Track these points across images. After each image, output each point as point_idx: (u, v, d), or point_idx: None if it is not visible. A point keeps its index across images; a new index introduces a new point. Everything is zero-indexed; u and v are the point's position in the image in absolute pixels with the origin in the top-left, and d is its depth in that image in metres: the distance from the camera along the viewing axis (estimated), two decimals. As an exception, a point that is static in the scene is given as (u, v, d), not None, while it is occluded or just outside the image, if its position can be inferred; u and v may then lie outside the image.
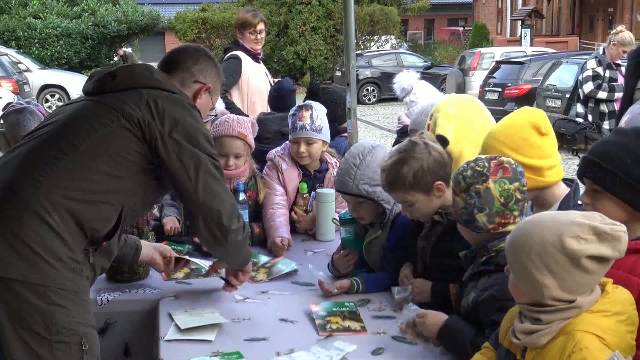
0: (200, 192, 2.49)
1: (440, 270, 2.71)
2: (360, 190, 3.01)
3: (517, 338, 1.92)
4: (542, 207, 2.59)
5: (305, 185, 3.89)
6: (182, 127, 2.47)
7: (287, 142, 3.98)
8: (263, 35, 5.86)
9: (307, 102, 3.98)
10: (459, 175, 2.35)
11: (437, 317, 2.40)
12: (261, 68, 5.93)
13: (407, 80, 5.20)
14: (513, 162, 2.36)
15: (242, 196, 3.73)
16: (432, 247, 2.74)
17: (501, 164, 2.32)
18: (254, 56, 5.82)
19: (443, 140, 2.93)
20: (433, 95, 4.85)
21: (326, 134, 3.90)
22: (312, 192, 3.89)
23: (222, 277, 3.05)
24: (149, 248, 3.05)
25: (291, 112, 3.93)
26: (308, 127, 3.80)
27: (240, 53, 5.73)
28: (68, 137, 2.42)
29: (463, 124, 3.09)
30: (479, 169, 2.31)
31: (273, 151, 4.02)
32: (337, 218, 3.40)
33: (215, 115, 3.96)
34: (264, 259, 3.48)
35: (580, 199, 2.29)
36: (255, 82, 5.73)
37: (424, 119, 3.72)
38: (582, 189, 2.30)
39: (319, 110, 3.89)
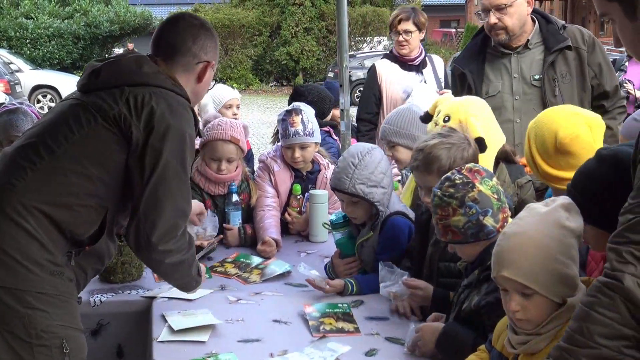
0: (144, 196, 2.33)
1: (447, 274, 2.71)
2: (357, 190, 3.01)
3: (513, 347, 1.92)
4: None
5: (298, 187, 3.89)
6: (158, 122, 2.33)
7: (279, 143, 3.98)
8: (413, 37, 4.88)
9: (295, 105, 3.96)
10: (443, 199, 2.30)
11: (432, 328, 2.41)
12: (414, 77, 4.96)
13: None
14: (477, 164, 2.38)
15: (235, 197, 3.75)
16: (440, 252, 2.73)
17: (471, 170, 2.33)
18: (405, 62, 4.97)
19: (483, 144, 2.83)
20: (432, 101, 4.70)
21: (318, 136, 3.91)
22: (306, 194, 3.90)
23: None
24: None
25: (280, 116, 3.91)
26: (301, 133, 3.80)
27: (383, 61, 5.07)
28: (46, 140, 2.35)
29: (485, 126, 3.00)
30: (458, 181, 2.30)
31: (265, 153, 4.04)
32: (329, 222, 3.39)
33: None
34: (256, 260, 3.48)
35: None
36: (393, 93, 4.90)
37: (388, 128, 3.68)
38: None
39: (308, 113, 3.89)
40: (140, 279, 3.22)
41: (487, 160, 2.85)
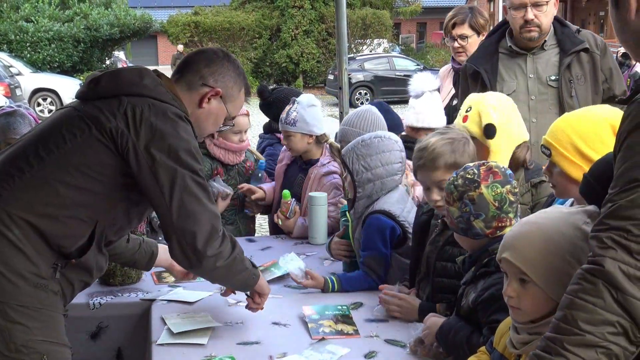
0: (174, 212, 2.29)
1: (443, 274, 2.71)
2: (349, 160, 3.11)
3: (514, 347, 1.92)
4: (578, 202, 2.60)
5: (288, 193, 3.95)
6: (161, 138, 2.28)
7: None
8: (470, 42, 4.39)
9: (299, 97, 4.11)
10: (451, 185, 2.35)
11: (437, 321, 2.42)
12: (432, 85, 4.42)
13: (422, 85, 4.87)
14: (501, 166, 2.38)
15: (261, 173, 4.27)
16: (438, 251, 2.73)
17: (490, 168, 2.33)
18: (457, 71, 4.45)
19: (491, 129, 2.89)
20: (430, 115, 4.30)
21: (304, 127, 3.94)
22: (293, 199, 3.96)
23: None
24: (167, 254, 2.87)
25: None
26: (282, 121, 3.98)
27: (445, 68, 4.77)
28: (37, 148, 2.31)
29: (503, 118, 3.04)
30: (469, 176, 2.31)
31: None
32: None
33: (233, 125, 3.99)
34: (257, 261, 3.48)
35: None
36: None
37: (348, 129, 3.68)
38: None
39: (302, 104, 3.97)
40: (140, 281, 3.22)
41: (502, 152, 2.89)
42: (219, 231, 2.39)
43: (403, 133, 4.22)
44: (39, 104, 20.09)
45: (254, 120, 6.42)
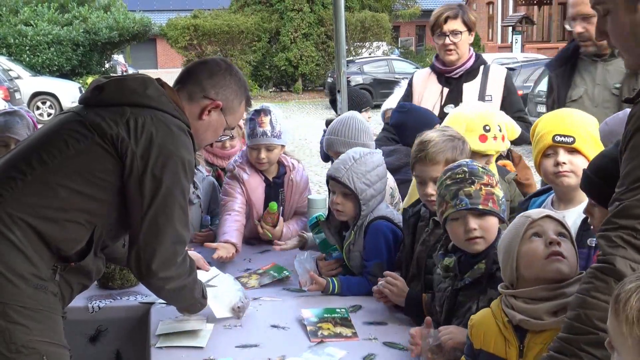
0: (144, 225, 2.33)
1: (434, 271, 2.71)
2: (350, 181, 3.06)
3: (539, 319, 1.88)
4: (569, 202, 2.62)
5: (275, 205, 3.83)
6: (157, 150, 2.31)
7: (244, 149, 3.99)
8: (462, 39, 4.02)
9: (264, 105, 3.92)
10: (485, 170, 2.39)
11: (456, 330, 2.35)
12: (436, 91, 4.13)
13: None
14: None
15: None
16: (428, 249, 2.76)
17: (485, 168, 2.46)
18: (441, 73, 4.15)
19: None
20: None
21: (285, 138, 3.87)
22: (281, 207, 3.89)
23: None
24: None
25: (249, 116, 3.86)
26: (269, 134, 3.76)
27: (420, 72, 4.37)
28: (39, 152, 2.33)
29: None
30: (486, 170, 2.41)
31: (231, 161, 3.99)
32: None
33: (231, 136, 4.09)
34: (256, 264, 3.48)
35: (583, 212, 2.23)
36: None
37: (335, 139, 3.63)
38: None
39: (277, 114, 3.86)
40: (139, 284, 3.21)
41: None
42: (178, 257, 2.43)
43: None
44: (38, 108, 20.10)
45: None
